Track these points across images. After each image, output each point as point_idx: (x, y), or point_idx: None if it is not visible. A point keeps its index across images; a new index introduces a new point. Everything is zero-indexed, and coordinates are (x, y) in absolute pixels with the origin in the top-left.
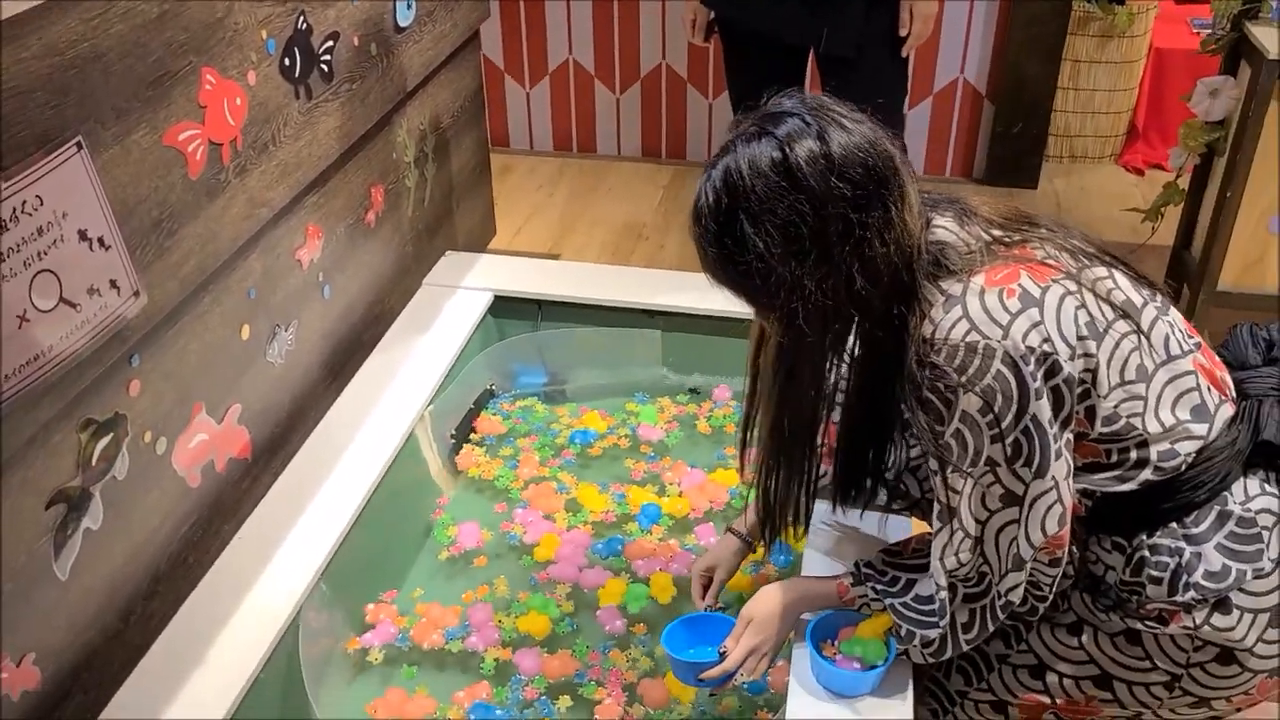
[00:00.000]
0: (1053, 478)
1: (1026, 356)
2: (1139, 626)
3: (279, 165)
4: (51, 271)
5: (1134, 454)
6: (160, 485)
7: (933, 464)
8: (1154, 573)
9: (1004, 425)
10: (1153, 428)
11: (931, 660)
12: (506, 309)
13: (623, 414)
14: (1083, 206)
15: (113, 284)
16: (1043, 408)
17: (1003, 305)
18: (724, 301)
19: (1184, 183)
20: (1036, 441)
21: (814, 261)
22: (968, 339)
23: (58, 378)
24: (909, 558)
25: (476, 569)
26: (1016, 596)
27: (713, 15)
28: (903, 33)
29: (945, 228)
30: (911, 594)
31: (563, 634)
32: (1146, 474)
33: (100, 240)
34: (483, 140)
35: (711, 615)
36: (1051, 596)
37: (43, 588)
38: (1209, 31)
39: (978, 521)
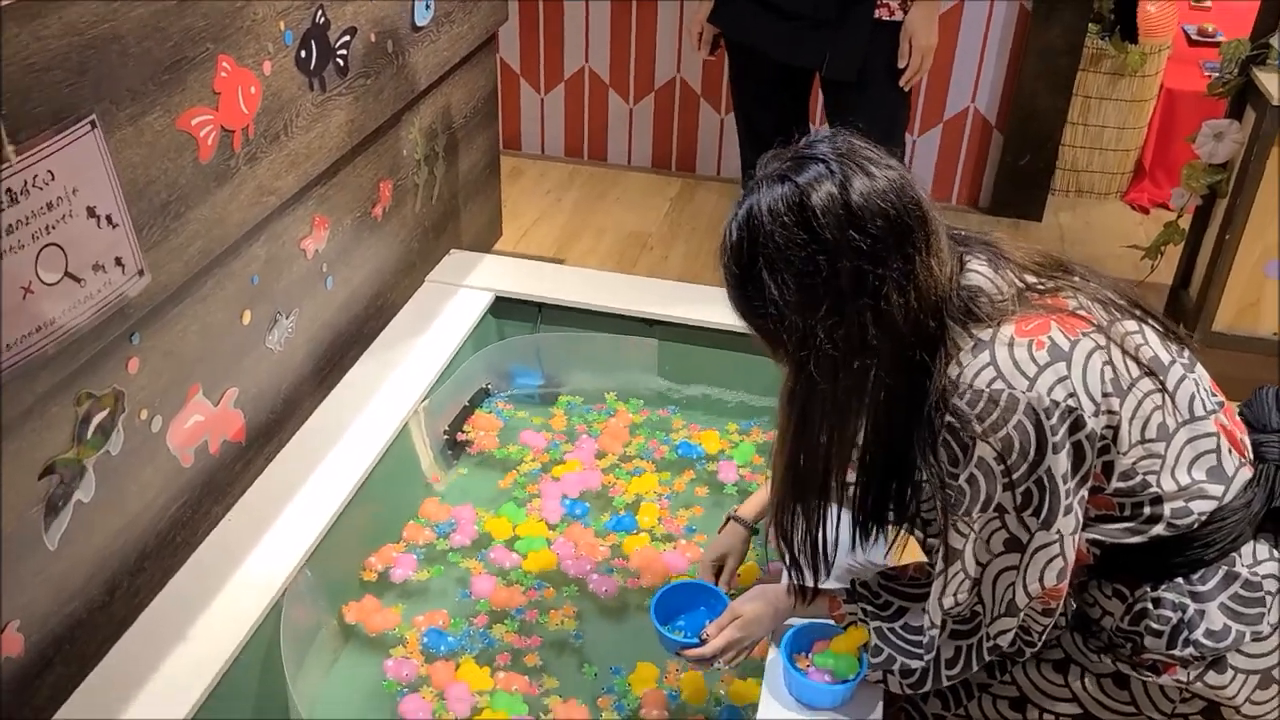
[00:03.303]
0: (1058, 531)
1: (1050, 410)
2: (1130, 672)
3: (289, 155)
4: (58, 246)
5: (1148, 509)
6: (153, 463)
7: (940, 505)
8: (1155, 625)
9: (1016, 475)
10: (1168, 486)
11: (909, 691)
12: (507, 310)
13: (732, 437)
14: (1087, 241)
15: (118, 261)
16: (1060, 462)
17: (1031, 357)
18: (722, 315)
19: (1185, 223)
20: (1048, 494)
21: (825, 312)
22: (992, 387)
23: (58, 351)
24: (905, 584)
25: (516, 473)
26: (1005, 640)
27: (718, 31)
28: (901, 64)
29: (979, 272)
30: (901, 622)
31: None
32: (1158, 529)
33: (108, 218)
34: (494, 142)
35: (700, 583)
36: (1040, 643)
37: (31, 556)
38: (1217, 74)
39: (979, 564)
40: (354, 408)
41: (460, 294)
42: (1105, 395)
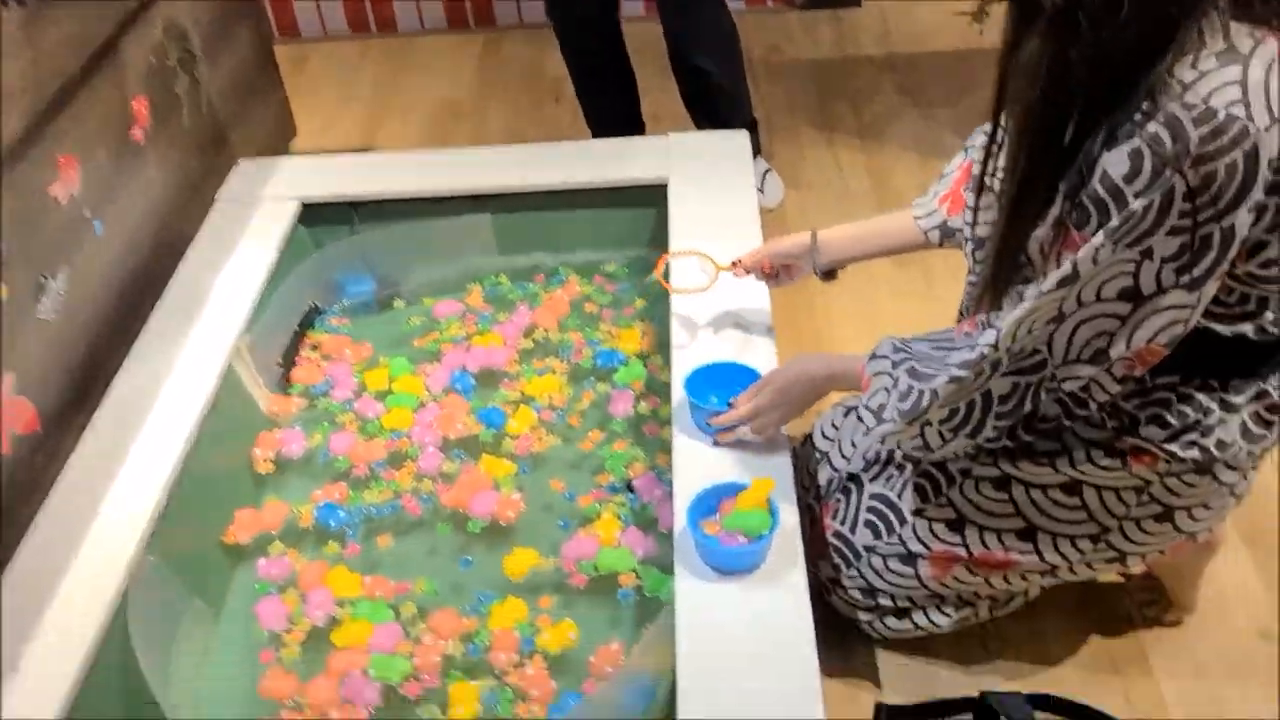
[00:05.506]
0: (1198, 298)
1: (1274, 161)
2: (1078, 475)
3: None
4: None
5: (1253, 305)
6: None
7: (1078, 219)
8: (1168, 417)
9: (1200, 218)
10: None
11: (940, 433)
12: (317, 216)
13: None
14: (910, 17)
15: None
16: (1245, 221)
17: None
18: (555, 173)
19: None
20: (1212, 255)
21: None
22: (1229, 111)
23: None
24: (947, 340)
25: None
26: (1070, 386)
27: None
28: None
29: None
30: (943, 357)
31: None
32: (1246, 328)
33: None
34: (264, 32)
35: (735, 365)
36: (1089, 413)
37: None
38: None
39: (1079, 303)
40: (164, 362)
41: (260, 208)
42: None
